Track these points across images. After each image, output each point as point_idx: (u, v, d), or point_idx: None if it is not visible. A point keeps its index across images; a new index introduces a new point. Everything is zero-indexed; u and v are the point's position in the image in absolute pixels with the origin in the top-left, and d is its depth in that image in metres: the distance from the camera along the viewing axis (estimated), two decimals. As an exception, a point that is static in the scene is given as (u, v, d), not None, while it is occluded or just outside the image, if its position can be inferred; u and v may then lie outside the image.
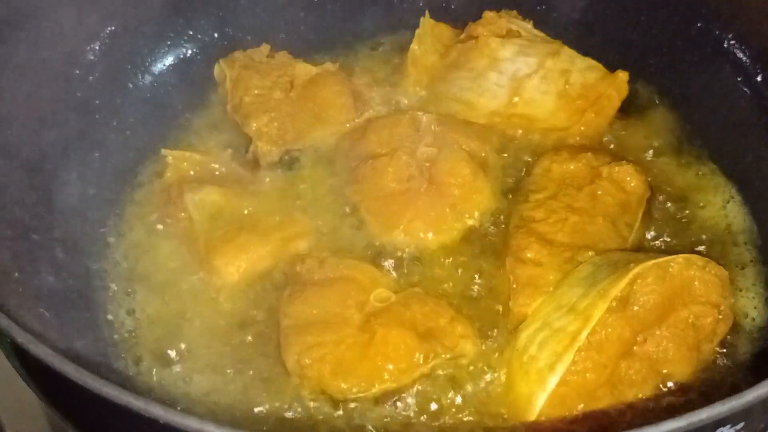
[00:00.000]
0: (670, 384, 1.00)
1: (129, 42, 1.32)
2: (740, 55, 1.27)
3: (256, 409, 1.02)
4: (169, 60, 1.38)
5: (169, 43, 1.38)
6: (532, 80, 1.26)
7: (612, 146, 1.26)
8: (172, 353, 1.07)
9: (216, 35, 1.40)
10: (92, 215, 1.19)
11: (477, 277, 1.13)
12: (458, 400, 1.02)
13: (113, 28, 1.29)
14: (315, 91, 1.29)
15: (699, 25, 1.29)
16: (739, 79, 1.26)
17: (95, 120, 1.25)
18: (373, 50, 1.42)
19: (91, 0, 1.25)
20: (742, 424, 0.75)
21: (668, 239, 1.16)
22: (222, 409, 1.02)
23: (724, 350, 1.05)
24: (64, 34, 1.21)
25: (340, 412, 1.01)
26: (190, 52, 1.39)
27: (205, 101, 1.35)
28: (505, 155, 1.25)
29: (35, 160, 1.14)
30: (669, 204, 1.20)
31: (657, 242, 1.16)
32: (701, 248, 1.15)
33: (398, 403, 1.01)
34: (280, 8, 1.41)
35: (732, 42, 1.27)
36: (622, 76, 1.27)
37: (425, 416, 1.01)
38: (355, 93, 1.30)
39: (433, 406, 1.01)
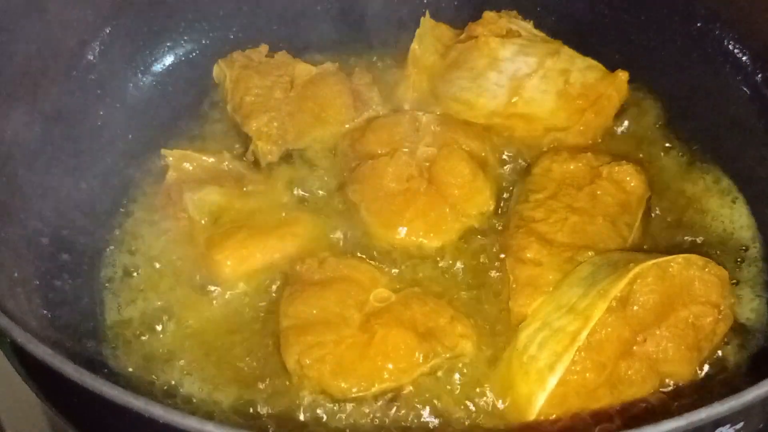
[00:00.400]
0: (669, 384, 1.00)
1: (129, 42, 1.32)
2: (740, 55, 1.27)
3: (256, 409, 1.02)
4: (169, 60, 1.38)
5: (169, 43, 1.38)
6: (531, 80, 1.26)
7: (612, 146, 1.26)
8: (173, 353, 1.07)
9: (216, 35, 1.40)
10: (93, 216, 1.19)
11: (477, 276, 1.13)
12: (458, 399, 1.02)
13: (113, 28, 1.29)
14: (315, 90, 1.29)
15: (699, 25, 1.29)
16: (739, 79, 1.26)
17: (95, 120, 1.26)
18: (372, 50, 1.42)
19: (90, 0, 1.26)
20: (741, 424, 0.75)
21: (667, 239, 1.16)
22: (222, 408, 1.02)
23: (724, 350, 1.05)
24: (63, 35, 1.22)
25: (341, 412, 1.00)
26: (190, 52, 1.39)
27: (205, 101, 1.35)
28: (505, 155, 1.25)
29: (35, 162, 1.14)
30: (668, 203, 1.20)
31: (656, 242, 1.16)
32: (701, 248, 1.15)
33: (398, 403, 1.01)
34: (280, 8, 1.41)
35: (732, 42, 1.27)
36: (622, 75, 1.26)
37: (425, 416, 1.01)
38: (355, 93, 1.30)
39: (434, 406, 1.02)
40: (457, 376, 1.03)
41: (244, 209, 1.18)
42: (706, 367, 1.03)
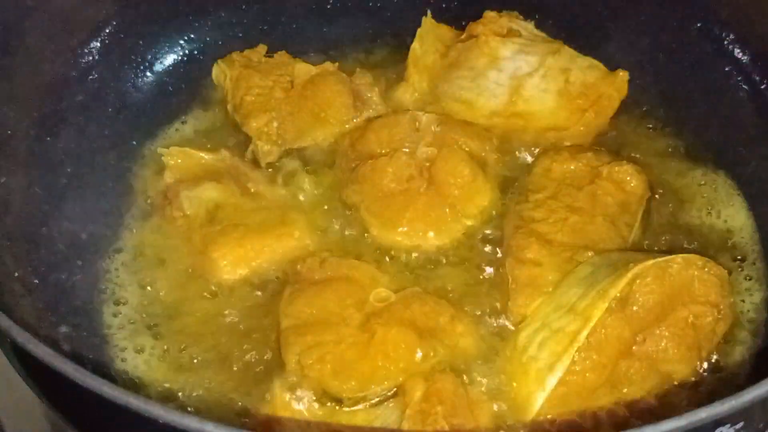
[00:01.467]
0: (669, 384, 1.00)
1: (129, 42, 1.32)
2: (740, 55, 1.27)
3: (256, 409, 1.02)
4: (169, 60, 1.38)
5: (169, 43, 1.38)
6: (532, 78, 1.26)
7: (612, 146, 1.26)
8: (173, 353, 1.07)
9: (216, 35, 1.40)
10: (92, 216, 1.19)
11: (476, 277, 1.13)
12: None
13: (113, 28, 1.29)
14: (315, 90, 1.29)
15: (699, 25, 1.29)
16: (738, 78, 1.27)
17: (95, 120, 1.26)
18: (372, 50, 1.42)
19: (91, 0, 1.26)
20: (741, 424, 0.75)
21: (667, 239, 1.16)
22: (222, 408, 1.02)
23: (724, 350, 1.05)
24: (63, 34, 1.22)
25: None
26: (190, 52, 1.39)
27: (205, 101, 1.35)
28: (505, 155, 1.25)
29: (34, 161, 1.14)
30: (668, 204, 1.20)
31: (656, 242, 1.16)
32: (700, 248, 1.15)
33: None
34: (279, 8, 1.41)
35: (732, 42, 1.27)
36: (622, 75, 1.26)
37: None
38: (355, 93, 1.30)
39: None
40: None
41: (241, 208, 1.18)
42: (705, 367, 1.03)
